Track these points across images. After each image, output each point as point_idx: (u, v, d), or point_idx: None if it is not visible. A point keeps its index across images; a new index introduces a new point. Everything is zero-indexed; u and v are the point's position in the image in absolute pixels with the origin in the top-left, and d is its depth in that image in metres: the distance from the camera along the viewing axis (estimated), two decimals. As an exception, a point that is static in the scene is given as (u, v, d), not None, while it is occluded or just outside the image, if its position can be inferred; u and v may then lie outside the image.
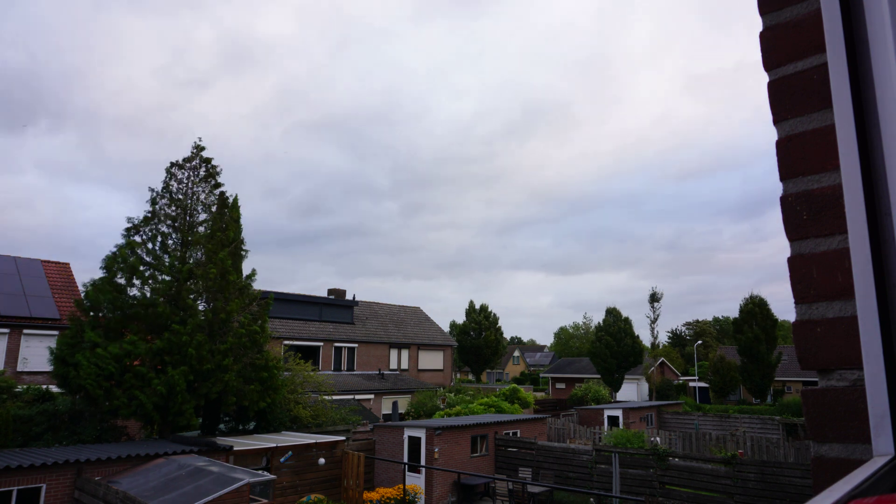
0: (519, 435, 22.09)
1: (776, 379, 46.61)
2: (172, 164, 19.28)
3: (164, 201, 18.85)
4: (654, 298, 75.65)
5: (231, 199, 19.82)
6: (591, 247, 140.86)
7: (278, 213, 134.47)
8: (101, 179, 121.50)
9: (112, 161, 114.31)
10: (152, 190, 18.88)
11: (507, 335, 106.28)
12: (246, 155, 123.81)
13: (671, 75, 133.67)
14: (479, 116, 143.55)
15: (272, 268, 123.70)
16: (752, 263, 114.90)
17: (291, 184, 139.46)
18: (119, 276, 17.68)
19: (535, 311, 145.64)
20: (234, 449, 15.59)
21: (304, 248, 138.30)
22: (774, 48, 1.15)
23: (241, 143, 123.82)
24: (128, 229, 18.19)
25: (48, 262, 27.09)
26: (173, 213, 18.81)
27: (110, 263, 17.57)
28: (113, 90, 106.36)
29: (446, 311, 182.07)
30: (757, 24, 1.20)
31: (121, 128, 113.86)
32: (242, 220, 20.19)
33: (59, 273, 26.77)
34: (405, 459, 19.00)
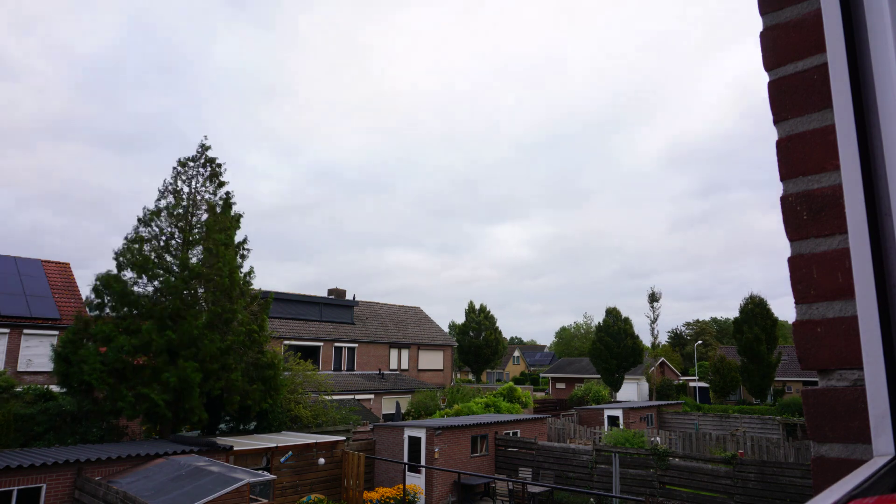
0: (519, 435, 22.08)
1: (776, 379, 46.63)
2: (178, 163, 19.37)
3: (169, 199, 18.93)
4: (653, 298, 75.51)
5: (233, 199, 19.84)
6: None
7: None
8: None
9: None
10: (164, 181, 19.12)
11: (507, 335, 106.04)
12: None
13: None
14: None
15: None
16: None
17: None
18: (126, 271, 17.72)
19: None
20: (235, 449, 15.58)
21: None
22: (774, 48, 1.15)
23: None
24: (135, 227, 18.27)
25: (48, 261, 27.11)
26: (177, 213, 18.85)
27: (120, 258, 17.66)
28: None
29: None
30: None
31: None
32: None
33: (60, 273, 26.79)
34: (405, 459, 18.99)
